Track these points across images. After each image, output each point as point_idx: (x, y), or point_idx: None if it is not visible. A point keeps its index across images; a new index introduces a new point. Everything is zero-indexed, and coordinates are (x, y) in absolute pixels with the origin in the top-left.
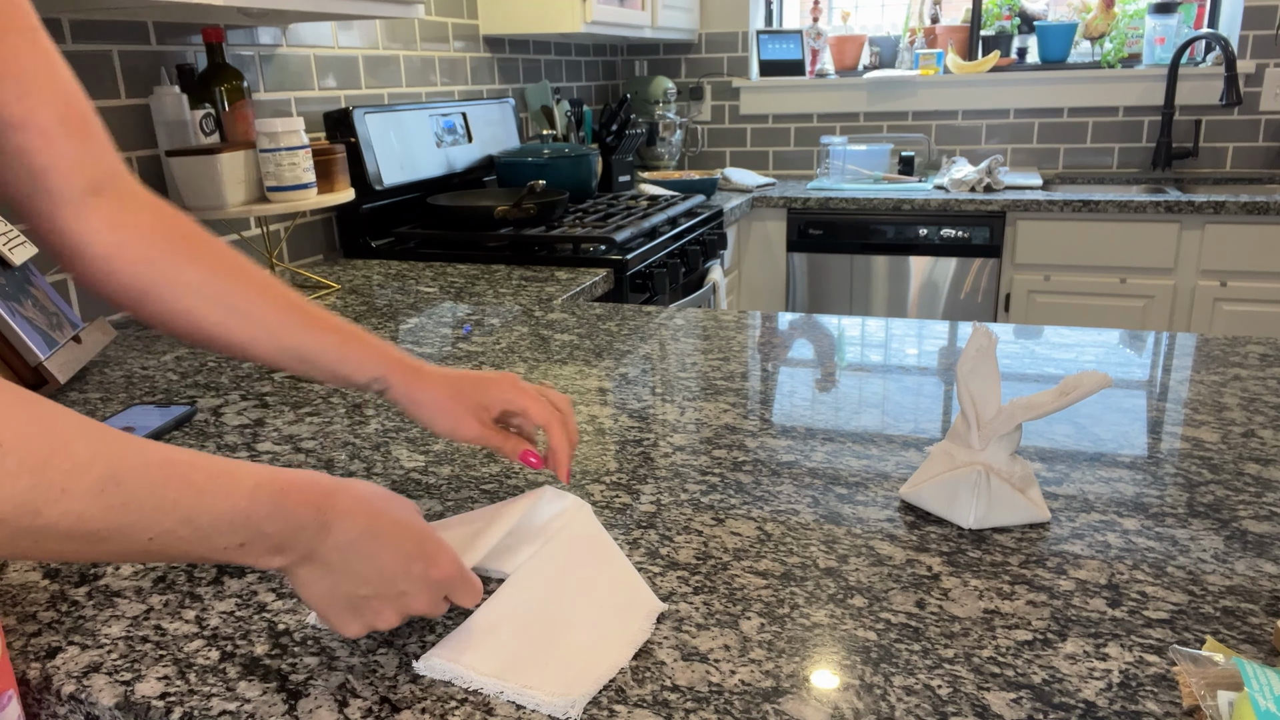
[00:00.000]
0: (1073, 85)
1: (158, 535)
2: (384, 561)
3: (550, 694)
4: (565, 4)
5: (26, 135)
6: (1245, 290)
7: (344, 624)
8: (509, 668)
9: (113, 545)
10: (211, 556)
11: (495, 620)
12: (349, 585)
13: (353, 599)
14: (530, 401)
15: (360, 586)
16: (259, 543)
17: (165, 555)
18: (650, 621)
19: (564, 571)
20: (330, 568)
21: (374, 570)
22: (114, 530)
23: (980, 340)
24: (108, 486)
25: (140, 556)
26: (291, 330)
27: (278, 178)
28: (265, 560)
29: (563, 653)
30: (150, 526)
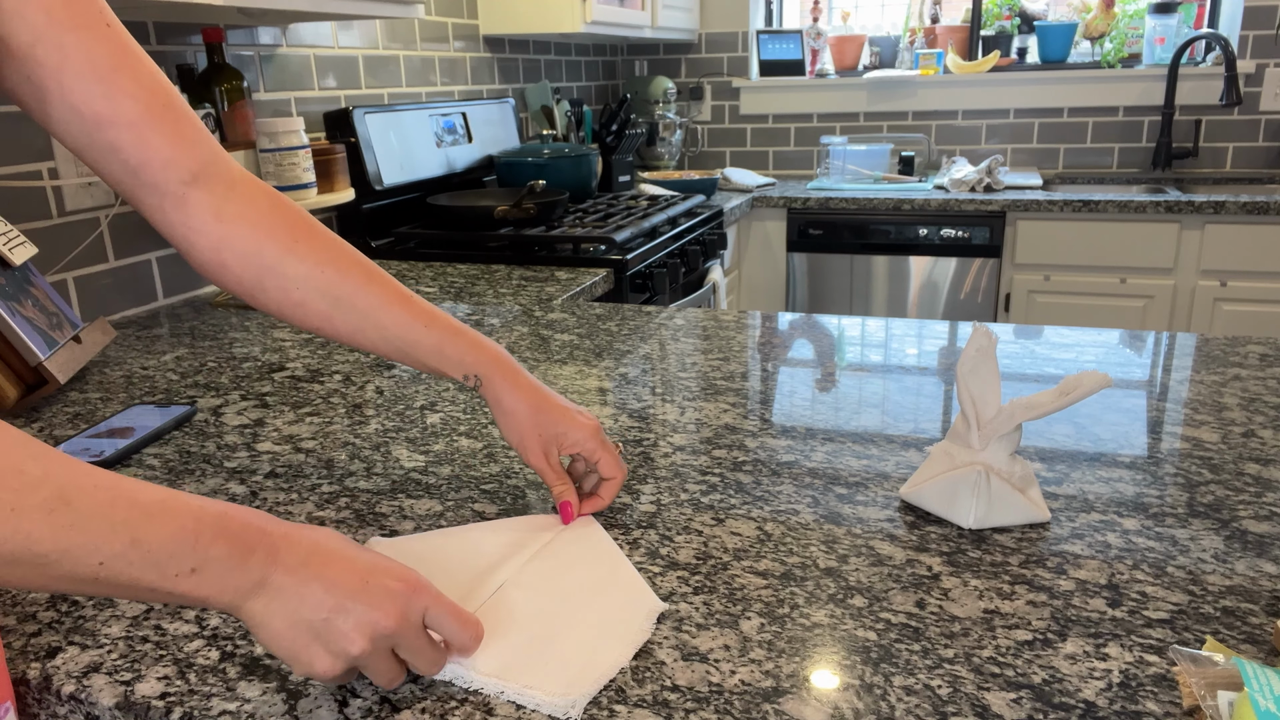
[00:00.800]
0: (1073, 85)
1: (108, 559)
2: (337, 574)
3: (551, 694)
4: (565, 4)
5: (116, 131)
6: (1245, 290)
7: (313, 657)
8: (509, 667)
9: (62, 569)
10: (163, 587)
11: (495, 620)
12: (307, 610)
13: (314, 626)
14: (606, 454)
15: (318, 610)
16: (210, 569)
17: (116, 584)
18: (651, 621)
19: (564, 572)
20: (284, 594)
21: (330, 585)
22: (62, 552)
23: (980, 340)
24: (57, 506)
25: (90, 585)
26: (395, 322)
27: (278, 178)
28: (219, 591)
29: (563, 652)
30: (99, 549)
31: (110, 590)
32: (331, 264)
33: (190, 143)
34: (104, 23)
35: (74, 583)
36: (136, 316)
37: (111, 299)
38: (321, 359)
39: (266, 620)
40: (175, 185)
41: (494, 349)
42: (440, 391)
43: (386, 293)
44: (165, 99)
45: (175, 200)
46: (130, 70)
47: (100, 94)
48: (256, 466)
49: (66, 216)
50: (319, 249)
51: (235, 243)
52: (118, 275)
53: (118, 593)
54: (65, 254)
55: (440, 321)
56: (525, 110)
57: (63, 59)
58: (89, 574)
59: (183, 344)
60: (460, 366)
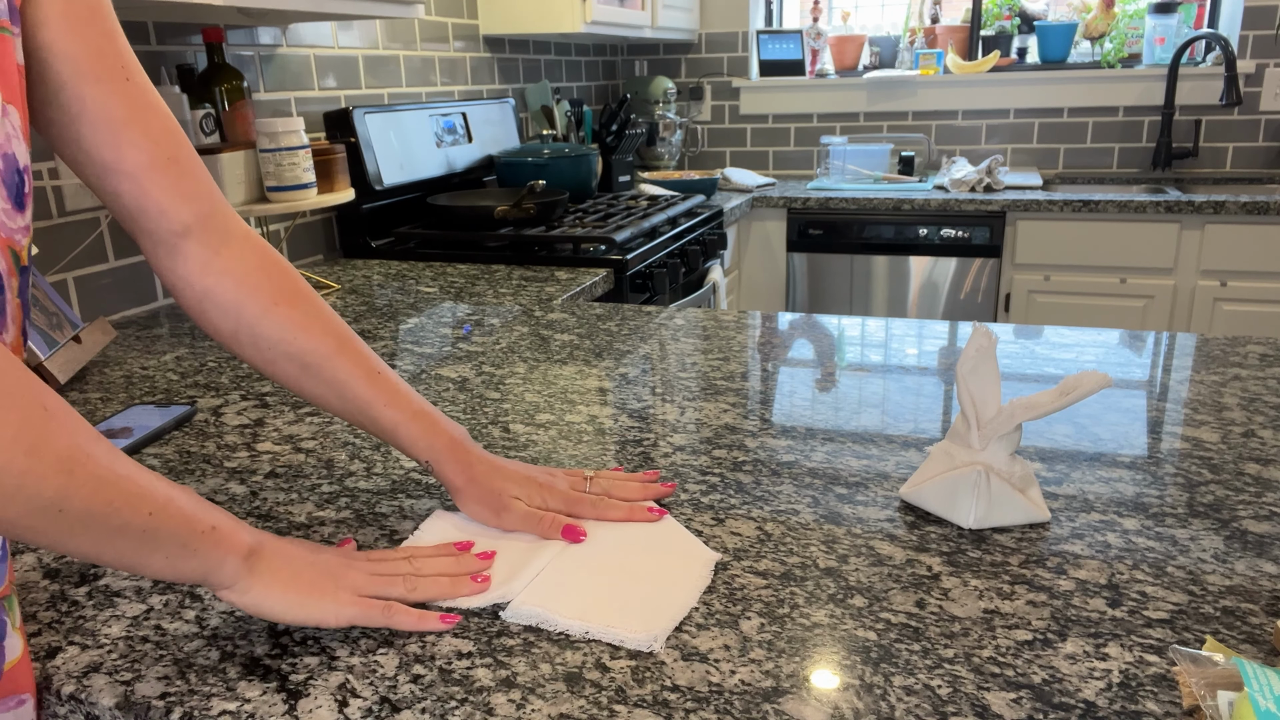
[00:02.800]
0: (1073, 85)
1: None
2: (325, 556)
3: (634, 630)
4: (565, 4)
5: (119, 179)
6: (1245, 290)
7: (330, 594)
8: (589, 610)
9: (120, 519)
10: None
11: (567, 573)
12: (307, 556)
13: (318, 569)
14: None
15: (316, 560)
16: (224, 520)
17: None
18: (709, 569)
19: (621, 529)
20: (285, 550)
21: (318, 555)
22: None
23: (980, 340)
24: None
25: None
26: (357, 396)
27: (278, 178)
28: (235, 537)
29: (636, 597)
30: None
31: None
32: (304, 331)
33: (188, 197)
34: (124, 77)
35: (121, 536)
36: (136, 316)
37: (111, 299)
38: None
39: (277, 569)
40: (168, 235)
41: (449, 434)
42: (440, 392)
43: (354, 367)
44: (171, 152)
45: (167, 249)
46: (141, 124)
47: (109, 144)
48: (256, 466)
49: (66, 216)
50: (297, 316)
51: (217, 297)
52: (118, 275)
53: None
54: (65, 254)
55: (401, 401)
56: (525, 110)
57: (81, 109)
58: (139, 524)
59: (183, 344)
60: (414, 449)
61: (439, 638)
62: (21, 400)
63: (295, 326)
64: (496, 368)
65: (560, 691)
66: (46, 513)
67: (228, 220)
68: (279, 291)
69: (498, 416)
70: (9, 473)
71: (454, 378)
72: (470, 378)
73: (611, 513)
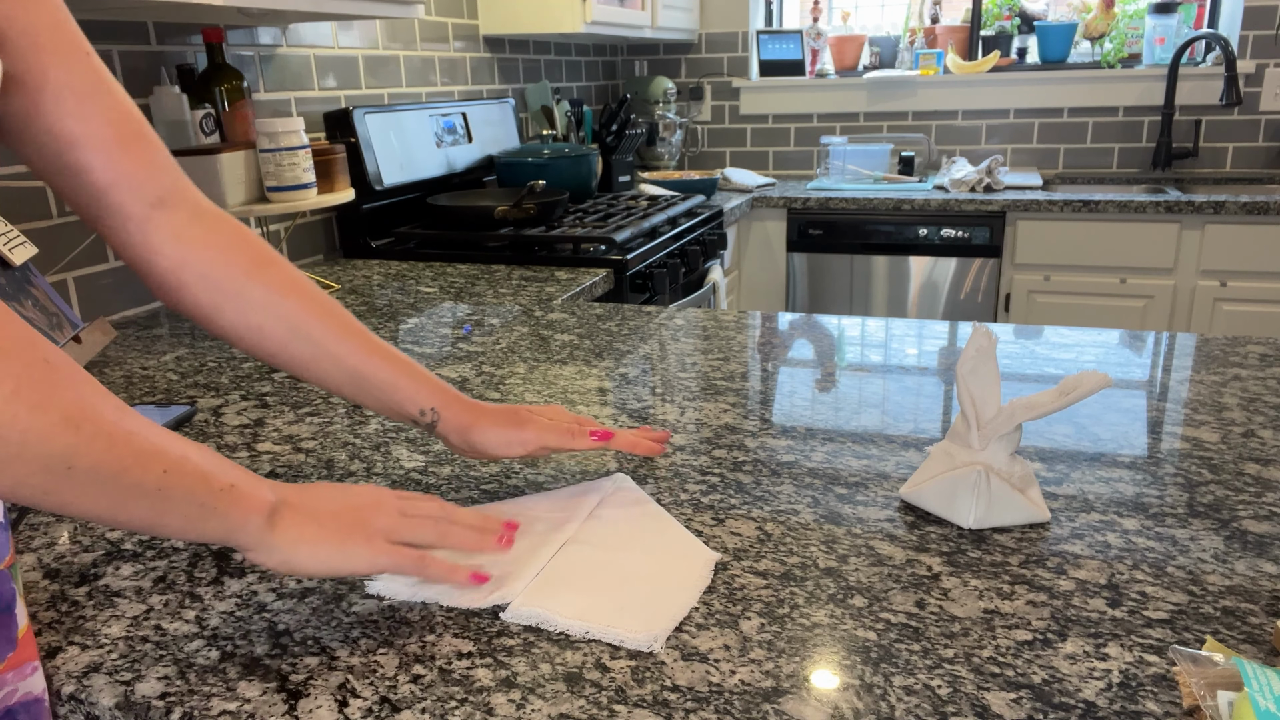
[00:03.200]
0: (1073, 85)
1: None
2: (353, 500)
3: (634, 631)
4: (565, 4)
5: (86, 152)
6: (1245, 290)
7: (363, 541)
8: (589, 611)
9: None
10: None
11: (567, 573)
12: (334, 503)
13: (346, 517)
14: (578, 440)
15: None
16: (244, 477)
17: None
18: (709, 569)
19: (620, 530)
20: (308, 503)
21: (346, 499)
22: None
23: (980, 340)
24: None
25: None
26: (350, 354)
27: (278, 178)
28: (256, 495)
29: (636, 597)
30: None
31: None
32: (293, 294)
33: (159, 169)
34: (84, 51)
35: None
36: (136, 316)
37: (111, 299)
38: None
39: (301, 523)
40: (141, 206)
41: (448, 386)
42: None
43: (345, 328)
44: (137, 127)
45: (139, 221)
46: (105, 96)
47: (75, 115)
48: (256, 466)
49: (66, 216)
50: (281, 278)
51: (196, 265)
52: (118, 275)
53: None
54: (65, 254)
55: (396, 358)
56: (525, 110)
57: (43, 82)
58: (153, 482)
59: (183, 344)
60: (414, 402)
61: (439, 638)
62: (23, 354)
63: (284, 289)
64: (496, 368)
65: (560, 691)
66: (54, 471)
67: (196, 195)
68: (259, 257)
69: None
70: (12, 429)
71: (454, 378)
72: (470, 378)
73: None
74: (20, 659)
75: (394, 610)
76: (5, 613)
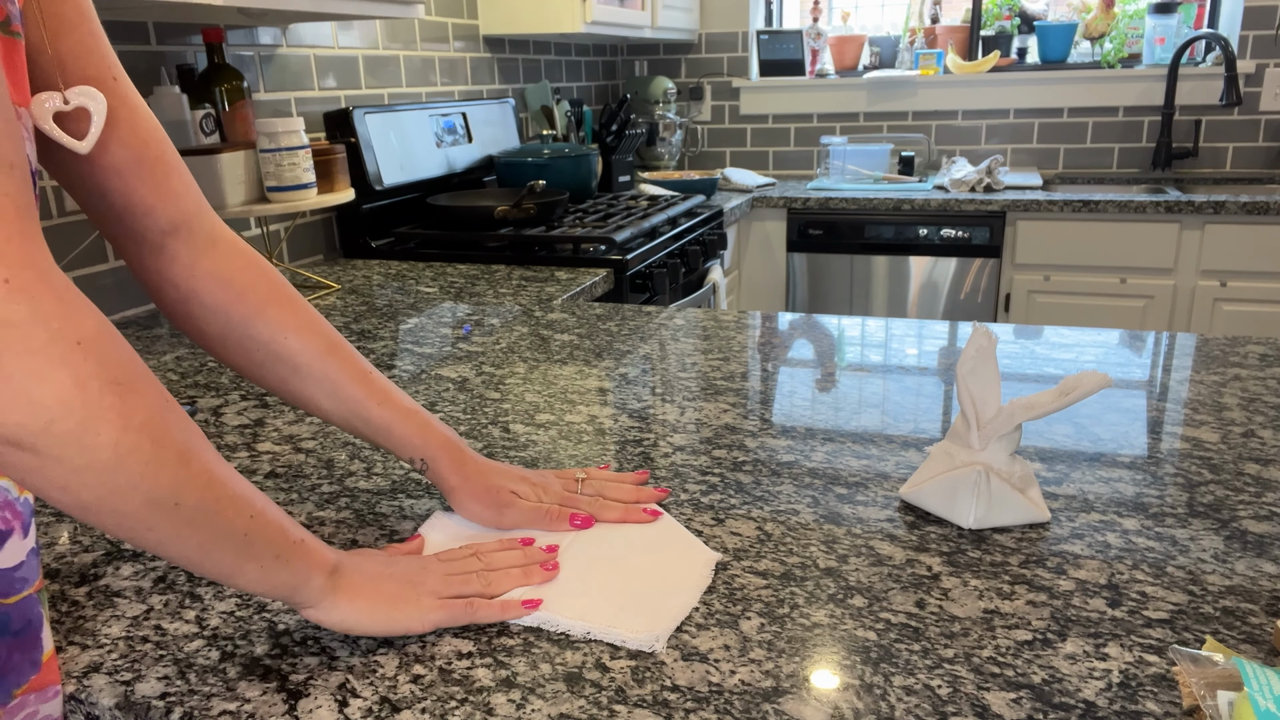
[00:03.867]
0: (1073, 85)
1: (256, 513)
2: (400, 565)
3: (635, 631)
4: (565, 4)
5: (105, 176)
6: (1245, 290)
7: (413, 601)
8: (590, 611)
9: (224, 522)
10: (286, 554)
11: (569, 574)
12: (384, 568)
13: (397, 579)
14: (552, 524)
15: (394, 571)
16: (309, 535)
17: (258, 540)
18: (710, 569)
19: (622, 530)
20: (363, 566)
21: (394, 565)
22: (225, 505)
23: (980, 340)
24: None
25: (236, 542)
26: (349, 396)
27: (278, 178)
28: (321, 554)
29: (637, 597)
30: (252, 503)
31: (246, 552)
32: (296, 333)
33: (175, 196)
34: (111, 76)
35: (226, 539)
36: (136, 316)
37: (111, 299)
38: None
39: (359, 585)
40: (154, 234)
41: (443, 434)
42: (440, 392)
43: (345, 367)
44: (157, 151)
45: (152, 249)
46: (127, 122)
47: (97, 141)
48: (256, 466)
49: (67, 216)
50: (287, 317)
51: (204, 298)
52: (118, 275)
53: (250, 556)
54: (65, 254)
55: (393, 401)
56: (525, 110)
57: None
58: (241, 527)
59: (183, 344)
60: (407, 448)
61: (439, 638)
62: (150, 388)
63: (287, 327)
64: (496, 368)
65: (560, 691)
66: (163, 506)
67: (213, 223)
68: (268, 293)
69: (498, 416)
70: (137, 459)
71: (454, 378)
72: (470, 378)
73: (607, 514)
74: (43, 682)
75: None
76: (31, 635)
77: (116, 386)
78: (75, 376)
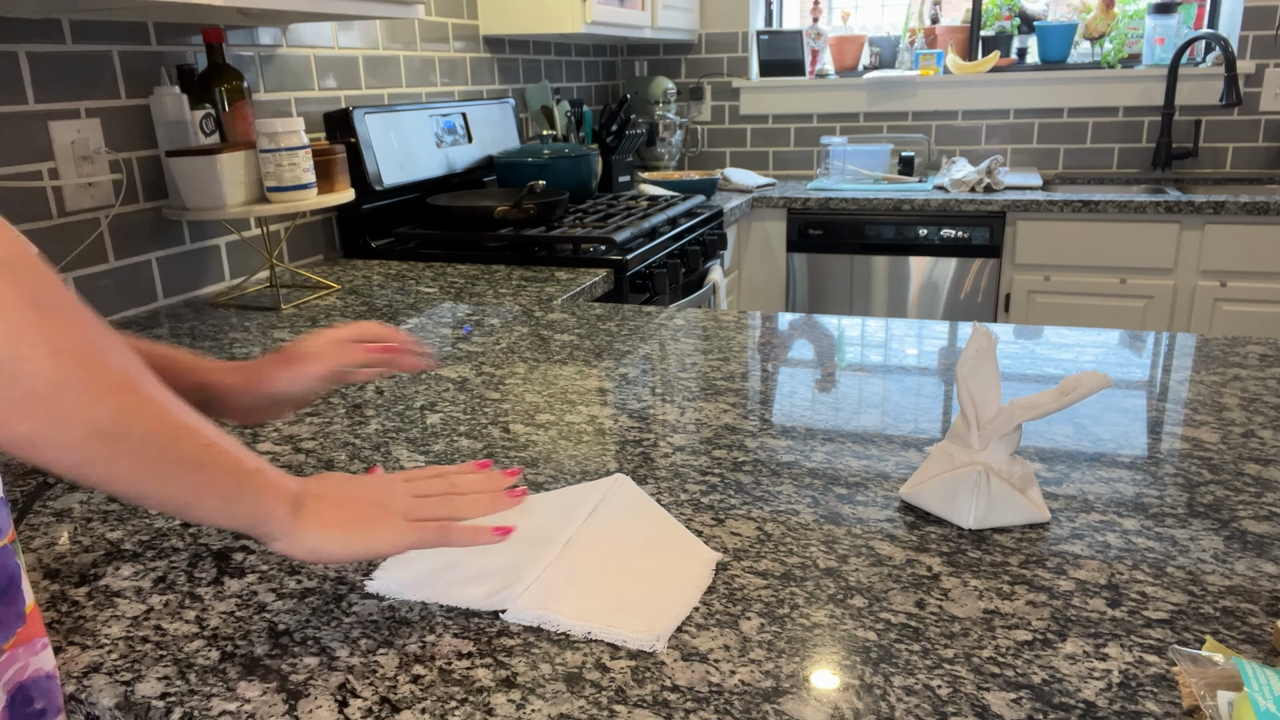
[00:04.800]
0: (1073, 85)
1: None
2: (366, 486)
3: (635, 630)
4: (565, 4)
5: None
6: (1245, 290)
7: (385, 522)
8: (591, 611)
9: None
10: (248, 481)
11: (570, 573)
12: (349, 490)
13: (365, 501)
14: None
15: (361, 492)
16: (266, 464)
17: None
18: (710, 569)
19: (621, 529)
20: (328, 491)
21: (360, 487)
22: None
23: (980, 340)
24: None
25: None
26: None
27: (278, 178)
28: (281, 483)
29: (638, 596)
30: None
31: (204, 483)
32: None
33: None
34: None
35: (181, 469)
36: (136, 317)
37: (111, 299)
38: None
39: (322, 512)
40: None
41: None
42: (440, 392)
43: None
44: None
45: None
46: None
47: None
48: None
49: (66, 216)
50: None
51: None
52: (118, 275)
53: (207, 487)
54: (65, 254)
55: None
56: (525, 110)
57: None
58: (197, 456)
59: (183, 344)
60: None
61: (439, 638)
62: (80, 315)
63: None
64: (496, 368)
65: (560, 691)
66: (110, 436)
67: None
68: None
69: (498, 417)
70: (73, 386)
71: (454, 378)
72: (470, 378)
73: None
74: (29, 634)
75: (394, 610)
76: (11, 587)
77: (37, 310)
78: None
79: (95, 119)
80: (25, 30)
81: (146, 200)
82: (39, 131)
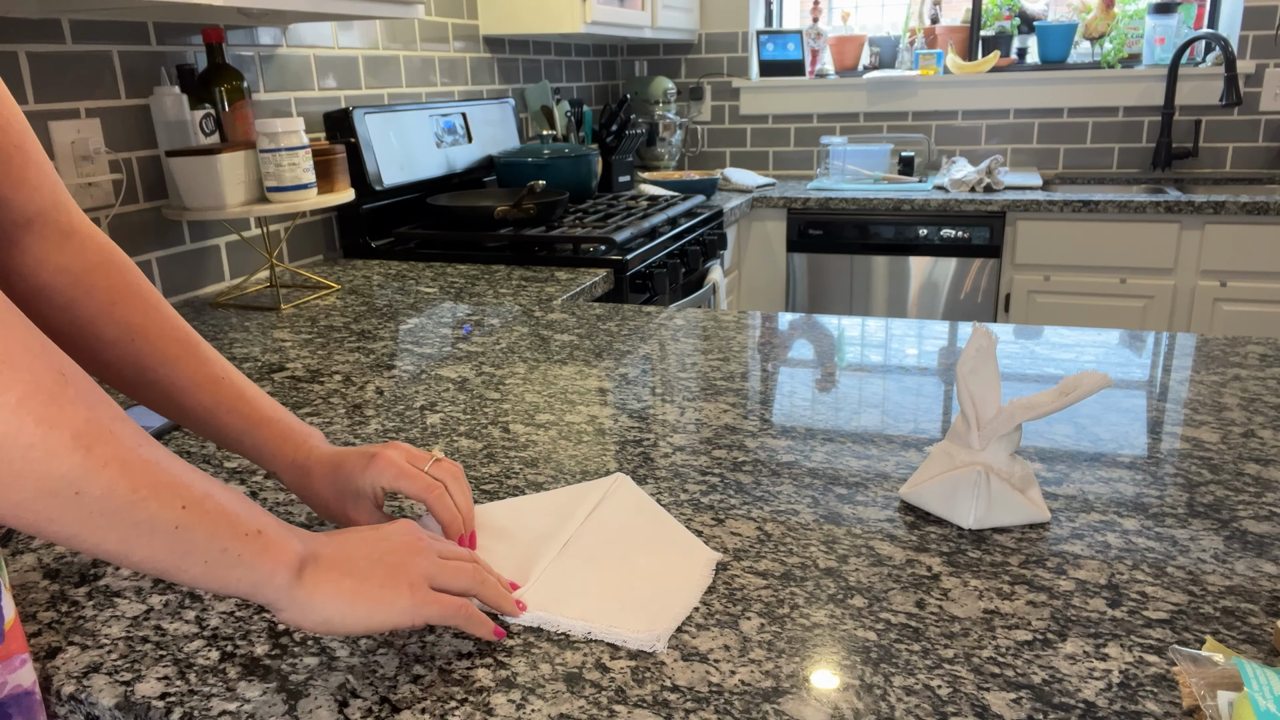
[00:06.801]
0: (1073, 85)
1: (189, 503)
2: (389, 544)
3: (636, 630)
4: (565, 4)
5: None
6: (1245, 290)
7: (405, 592)
8: (591, 611)
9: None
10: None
11: (570, 573)
12: (369, 550)
13: (384, 565)
14: (407, 482)
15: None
16: (272, 524)
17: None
18: (711, 569)
19: (621, 529)
20: (342, 552)
21: (381, 545)
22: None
23: (980, 340)
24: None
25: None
26: (196, 406)
27: (278, 178)
28: (285, 546)
29: (638, 597)
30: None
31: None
32: (143, 334)
33: (31, 187)
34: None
35: (150, 532)
36: None
37: None
38: (321, 359)
39: (336, 578)
40: (7, 225)
41: (290, 448)
42: (440, 392)
43: (195, 374)
44: (18, 140)
45: (5, 239)
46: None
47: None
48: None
49: None
50: (136, 317)
51: (53, 295)
52: None
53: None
54: None
55: (244, 410)
56: (525, 110)
57: None
58: (170, 519)
59: None
60: (260, 459)
61: (439, 638)
62: (34, 364)
63: (135, 328)
64: (496, 368)
65: (560, 692)
66: (60, 495)
67: (71, 215)
68: (120, 290)
69: (498, 417)
70: (14, 444)
71: (454, 378)
72: (470, 378)
73: None
74: (9, 651)
75: None
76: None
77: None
78: None
79: (95, 119)
80: (25, 30)
81: (146, 200)
82: (39, 131)
